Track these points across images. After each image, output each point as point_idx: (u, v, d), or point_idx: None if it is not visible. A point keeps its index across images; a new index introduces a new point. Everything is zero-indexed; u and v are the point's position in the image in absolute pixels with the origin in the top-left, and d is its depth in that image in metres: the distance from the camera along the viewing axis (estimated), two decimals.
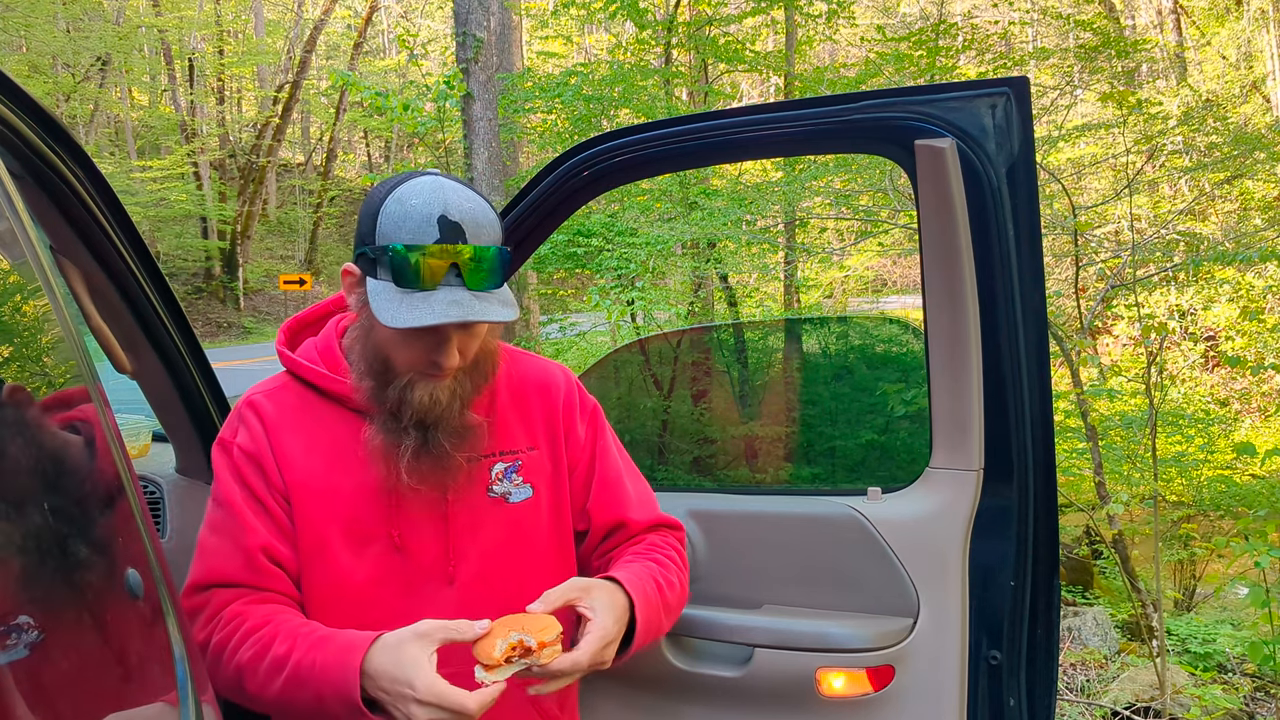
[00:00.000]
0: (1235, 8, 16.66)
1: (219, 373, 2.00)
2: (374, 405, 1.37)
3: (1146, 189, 10.49)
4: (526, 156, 10.95)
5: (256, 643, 1.29)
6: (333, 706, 1.21)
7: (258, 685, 1.27)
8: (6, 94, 1.30)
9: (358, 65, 26.53)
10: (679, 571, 1.51)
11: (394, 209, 1.27)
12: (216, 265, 25.49)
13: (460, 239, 1.26)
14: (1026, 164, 1.58)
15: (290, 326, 1.52)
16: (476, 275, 1.26)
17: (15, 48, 22.96)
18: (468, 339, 1.34)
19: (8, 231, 0.87)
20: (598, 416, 1.58)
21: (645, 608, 1.37)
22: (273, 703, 1.28)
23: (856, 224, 8.40)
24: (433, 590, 1.39)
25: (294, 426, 1.40)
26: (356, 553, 1.37)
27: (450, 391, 1.34)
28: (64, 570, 0.82)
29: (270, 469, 1.38)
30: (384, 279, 1.27)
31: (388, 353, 1.33)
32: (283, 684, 1.25)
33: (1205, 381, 10.98)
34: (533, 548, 1.46)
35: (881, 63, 7.03)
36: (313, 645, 1.25)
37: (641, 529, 1.55)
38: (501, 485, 1.44)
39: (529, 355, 1.59)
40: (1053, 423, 1.64)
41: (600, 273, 6.90)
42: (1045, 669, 1.66)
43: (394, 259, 1.25)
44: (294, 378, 1.45)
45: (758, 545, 1.85)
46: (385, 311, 1.25)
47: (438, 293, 1.25)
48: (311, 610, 1.38)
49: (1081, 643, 4.73)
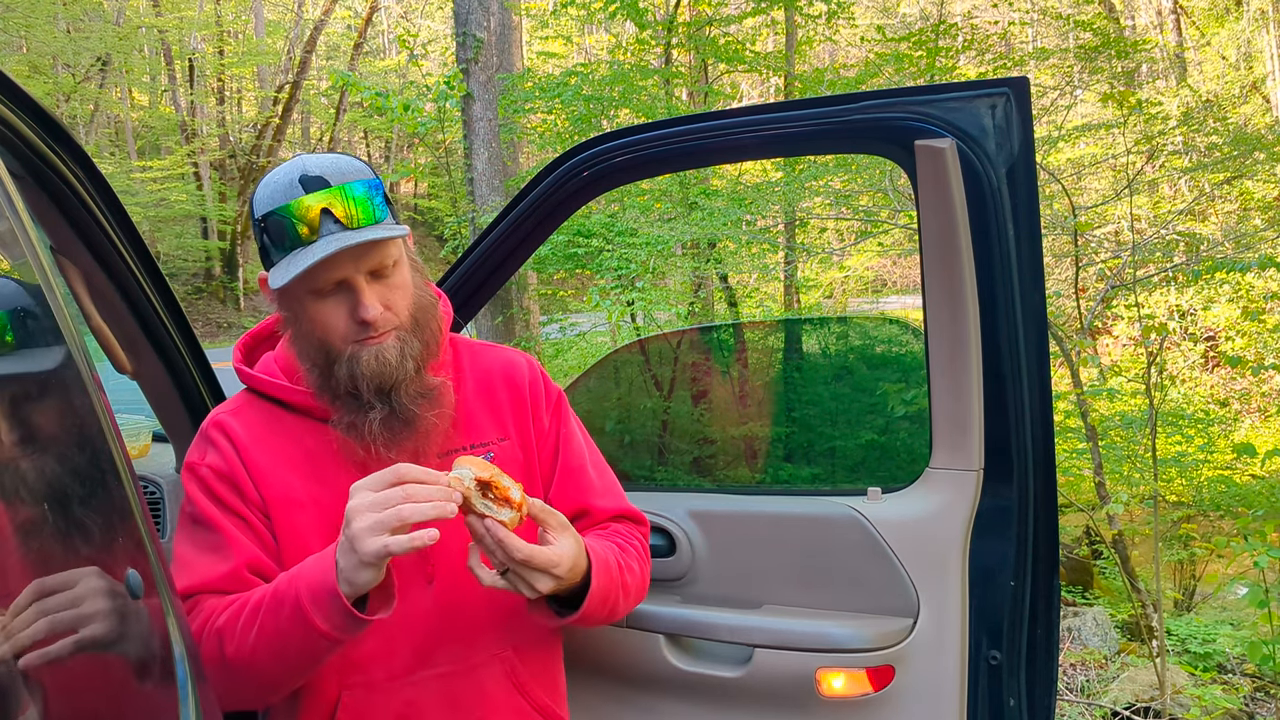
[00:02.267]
0: (1235, 8, 16.66)
1: (219, 373, 2.00)
2: (330, 395, 1.35)
3: (1146, 189, 10.49)
4: (526, 156, 10.94)
5: (232, 604, 1.27)
6: (314, 617, 1.19)
7: (237, 646, 1.24)
8: (6, 94, 1.30)
9: (358, 65, 26.52)
10: (640, 560, 1.50)
11: (261, 192, 1.31)
12: (217, 265, 25.47)
13: (324, 186, 1.28)
14: (1026, 164, 1.58)
15: (245, 343, 1.51)
16: (351, 213, 1.27)
17: (15, 48, 22.95)
18: (389, 291, 1.33)
19: (8, 231, 0.87)
20: (562, 404, 1.56)
21: (602, 574, 1.35)
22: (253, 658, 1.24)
23: (856, 224, 8.41)
24: (414, 591, 1.37)
25: (264, 443, 1.38)
26: None
27: (398, 351, 1.33)
28: (64, 570, 0.82)
29: (246, 486, 1.36)
30: (276, 257, 1.29)
31: (321, 334, 1.33)
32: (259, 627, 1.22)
33: (1205, 382, 10.97)
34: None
35: (881, 63, 7.02)
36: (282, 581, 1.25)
37: (605, 517, 1.54)
38: None
39: (491, 346, 1.58)
40: (1053, 423, 1.64)
41: (600, 273, 6.89)
42: (1045, 669, 1.66)
43: (269, 226, 1.28)
44: (255, 394, 1.43)
45: (758, 545, 1.85)
46: (278, 277, 1.27)
47: (318, 242, 1.26)
48: None
49: (1081, 643, 4.73)
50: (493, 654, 1.41)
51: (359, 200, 1.28)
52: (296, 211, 1.26)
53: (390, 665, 1.36)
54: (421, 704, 1.37)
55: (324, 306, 1.31)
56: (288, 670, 1.26)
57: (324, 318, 1.31)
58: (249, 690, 1.29)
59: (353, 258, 1.28)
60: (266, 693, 1.31)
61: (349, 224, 1.27)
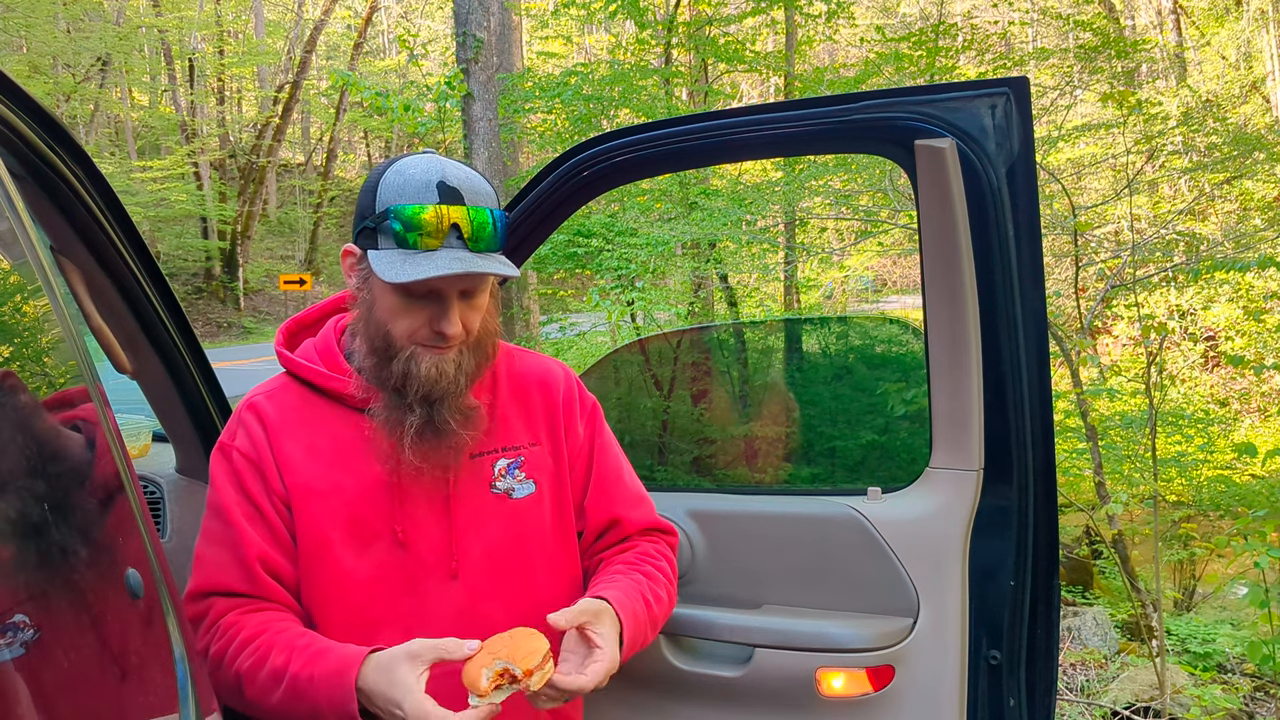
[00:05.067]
0: (1235, 8, 16.66)
1: (219, 373, 2.00)
2: (376, 385, 1.37)
3: (1146, 189, 10.48)
4: (526, 156, 10.95)
5: (254, 652, 1.30)
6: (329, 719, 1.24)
7: (256, 693, 1.29)
8: (7, 94, 1.30)
9: (358, 65, 26.54)
10: (668, 585, 1.52)
11: (394, 179, 1.32)
12: (217, 265, 25.49)
13: (459, 201, 1.30)
14: (1026, 164, 1.58)
15: (288, 328, 1.53)
16: (476, 236, 1.30)
17: (15, 48, 22.96)
18: (469, 311, 1.35)
19: (8, 231, 0.87)
20: (597, 414, 1.58)
21: (632, 628, 1.38)
22: (272, 711, 1.29)
23: (856, 224, 8.41)
24: (436, 586, 1.39)
25: (295, 427, 1.40)
26: (359, 552, 1.37)
27: (455, 365, 1.35)
28: (64, 570, 0.82)
29: (270, 474, 1.38)
30: (386, 247, 1.30)
31: (389, 326, 1.34)
32: (281, 695, 1.27)
33: (1205, 381, 10.97)
34: (536, 543, 1.46)
35: (881, 63, 7.03)
36: (309, 659, 1.26)
37: (635, 530, 1.56)
38: (505, 481, 1.44)
39: (529, 352, 1.60)
40: (1053, 423, 1.64)
41: (600, 273, 6.90)
42: (1045, 669, 1.66)
43: (396, 220, 1.28)
44: (293, 378, 1.45)
45: (758, 545, 1.85)
46: (390, 271, 1.28)
47: (440, 252, 1.28)
48: (314, 610, 1.37)
49: (1081, 643, 4.73)
50: None
51: (486, 226, 1.31)
52: (429, 217, 1.28)
53: None
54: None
55: (409, 306, 1.32)
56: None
57: (404, 317, 1.33)
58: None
59: (458, 278, 1.31)
60: None
61: (471, 245, 1.29)
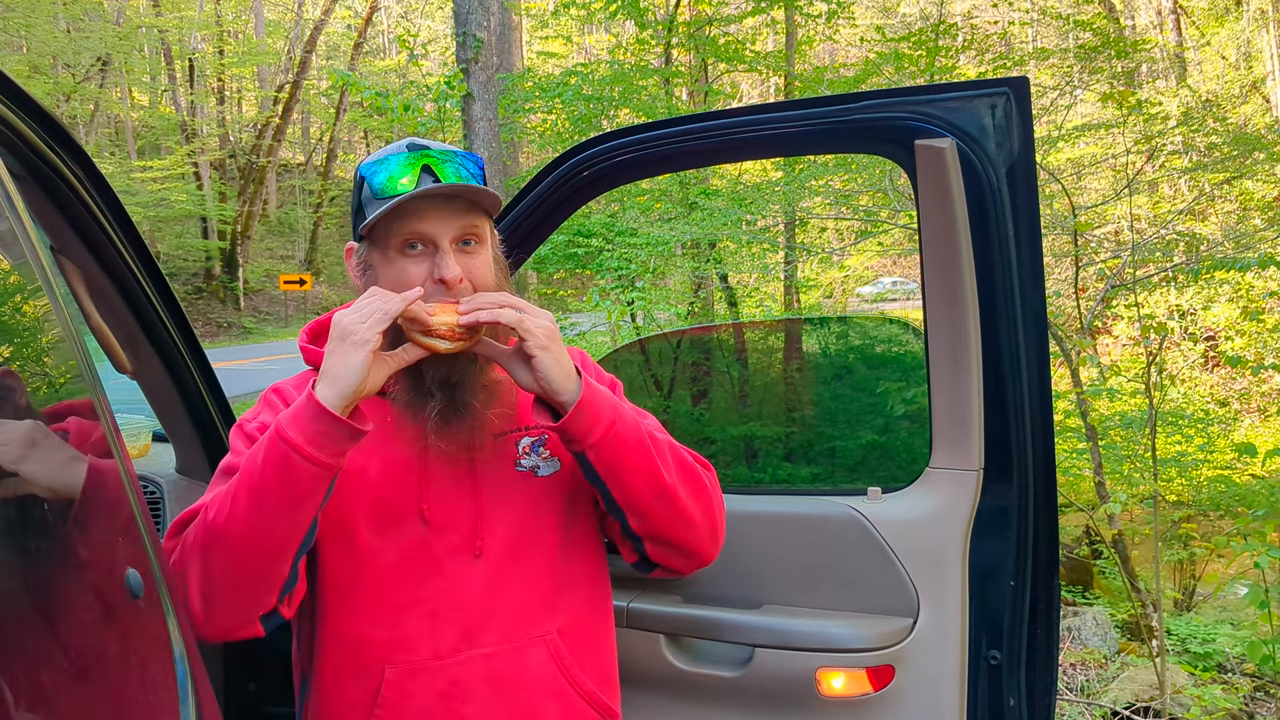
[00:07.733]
0: (1235, 8, 16.67)
1: (219, 373, 2.00)
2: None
3: (1146, 189, 10.49)
4: (526, 156, 10.96)
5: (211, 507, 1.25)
6: (289, 432, 1.18)
7: (223, 514, 1.21)
8: (7, 94, 1.30)
9: (358, 65, 26.55)
10: (704, 472, 1.46)
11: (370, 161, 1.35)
12: (216, 265, 25.50)
13: (429, 151, 1.32)
14: (1026, 164, 1.58)
15: (311, 329, 1.53)
16: (447, 169, 1.31)
17: (15, 48, 22.97)
18: (467, 259, 1.34)
19: (8, 231, 0.87)
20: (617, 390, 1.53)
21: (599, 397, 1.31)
22: (234, 512, 1.21)
23: (856, 224, 8.41)
24: (460, 565, 1.37)
25: None
26: (383, 533, 1.36)
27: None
28: (64, 570, 0.82)
29: None
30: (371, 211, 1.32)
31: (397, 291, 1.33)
32: (241, 473, 1.22)
33: (1205, 381, 10.98)
34: (561, 521, 1.44)
35: (881, 63, 7.04)
36: (253, 452, 1.24)
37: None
38: (529, 459, 1.43)
39: None
40: (1053, 423, 1.64)
41: (600, 273, 6.90)
42: (1045, 669, 1.66)
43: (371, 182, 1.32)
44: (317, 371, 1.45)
45: (758, 545, 1.85)
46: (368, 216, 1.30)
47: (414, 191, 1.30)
48: (333, 591, 1.36)
49: (1081, 643, 4.73)
50: (538, 635, 1.40)
51: (457, 163, 1.32)
52: (398, 165, 1.30)
53: (436, 645, 1.36)
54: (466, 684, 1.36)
55: (406, 263, 1.32)
56: (272, 515, 1.21)
57: (403, 274, 1.32)
58: (236, 562, 1.23)
59: (441, 216, 1.30)
60: (254, 559, 1.24)
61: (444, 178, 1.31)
